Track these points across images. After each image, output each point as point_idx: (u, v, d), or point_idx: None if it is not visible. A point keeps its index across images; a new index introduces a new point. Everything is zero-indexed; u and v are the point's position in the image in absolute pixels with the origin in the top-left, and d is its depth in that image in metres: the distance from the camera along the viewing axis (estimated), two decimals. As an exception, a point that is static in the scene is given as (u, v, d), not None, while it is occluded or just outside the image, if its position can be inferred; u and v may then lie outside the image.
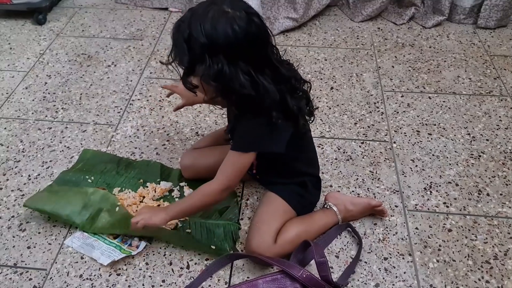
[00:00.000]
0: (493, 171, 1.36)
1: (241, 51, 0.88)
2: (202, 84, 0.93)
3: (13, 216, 1.22)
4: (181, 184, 1.29)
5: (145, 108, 1.61)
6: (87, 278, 1.07)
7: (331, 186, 1.30)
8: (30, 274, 1.09)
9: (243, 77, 0.89)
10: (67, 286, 1.06)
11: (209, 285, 1.06)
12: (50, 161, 1.39)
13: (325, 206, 1.19)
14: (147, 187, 1.28)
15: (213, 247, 1.11)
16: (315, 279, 0.99)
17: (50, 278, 1.08)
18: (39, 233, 1.18)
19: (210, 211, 1.21)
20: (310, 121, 1.10)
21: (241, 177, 1.04)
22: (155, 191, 1.26)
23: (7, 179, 1.33)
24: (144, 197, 1.25)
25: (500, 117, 1.56)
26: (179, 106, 1.29)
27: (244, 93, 0.90)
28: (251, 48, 0.89)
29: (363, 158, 1.40)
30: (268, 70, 0.93)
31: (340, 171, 1.35)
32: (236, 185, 1.07)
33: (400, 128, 1.51)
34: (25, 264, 1.11)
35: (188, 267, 1.10)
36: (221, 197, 1.04)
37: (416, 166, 1.37)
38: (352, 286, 1.06)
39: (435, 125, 1.53)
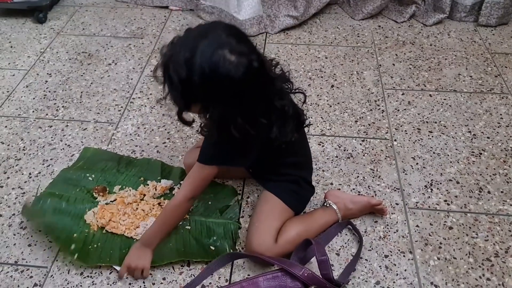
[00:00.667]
0: (494, 169, 1.35)
1: (240, 96, 0.88)
2: (200, 117, 0.95)
3: (13, 214, 1.22)
4: (182, 182, 1.29)
5: (145, 106, 1.61)
6: (87, 276, 1.07)
7: (331, 184, 1.30)
8: (31, 272, 1.09)
9: (239, 120, 0.89)
10: (67, 283, 1.06)
11: (210, 283, 1.06)
12: (51, 159, 1.39)
13: (325, 204, 1.19)
14: (148, 185, 1.27)
15: (212, 248, 1.11)
16: (316, 277, 0.99)
17: (51, 275, 1.08)
18: (39, 231, 1.18)
19: (211, 210, 1.21)
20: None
21: (205, 187, 1.07)
22: (155, 189, 1.26)
23: (8, 177, 1.33)
24: (144, 195, 1.25)
25: (501, 114, 1.56)
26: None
27: (235, 134, 0.90)
28: (250, 93, 0.89)
29: (363, 156, 1.40)
30: (262, 108, 0.94)
31: (341, 169, 1.35)
32: (200, 194, 1.08)
33: (401, 126, 1.51)
34: (26, 262, 1.11)
35: (188, 265, 1.10)
36: (187, 206, 1.08)
37: (417, 164, 1.37)
38: (353, 283, 1.06)
39: (436, 123, 1.53)
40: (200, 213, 1.20)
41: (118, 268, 1.08)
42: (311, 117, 1.54)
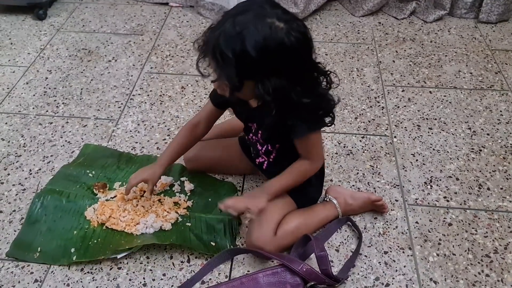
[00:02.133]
0: (494, 166, 1.36)
1: (296, 64, 0.88)
2: (256, 98, 0.91)
3: (14, 211, 1.23)
4: (182, 178, 1.29)
5: (145, 103, 1.61)
6: (88, 272, 1.08)
7: (331, 180, 1.31)
8: (32, 268, 1.09)
9: (300, 87, 0.89)
10: (68, 279, 1.06)
11: (210, 279, 1.06)
12: (51, 155, 1.40)
13: (326, 199, 1.19)
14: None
15: (213, 243, 1.12)
16: (315, 272, 0.99)
17: (52, 271, 1.08)
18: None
19: (211, 206, 1.21)
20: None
21: None
22: (155, 186, 1.26)
23: (8, 174, 1.34)
24: (145, 191, 1.24)
25: (501, 111, 1.56)
26: (151, 189, 1.19)
27: (302, 102, 0.90)
28: (304, 60, 0.90)
29: (363, 152, 1.40)
30: (315, 74, 0.95)
31: (341, 166, 1.35)
32: None
33: (401, 123, 1.51)
34: (27, 258, 1.11)
35: (188, 261, 1.10)
36: (317, 171, 1.10)
37: (417, 160, 1.37)
38: (352, 279, 1.06)
39: (435, 119, 1.53)
40: (200, 210, 1.21)
41: (122, 255, 1.09)
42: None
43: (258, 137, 1.10)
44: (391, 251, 1.12)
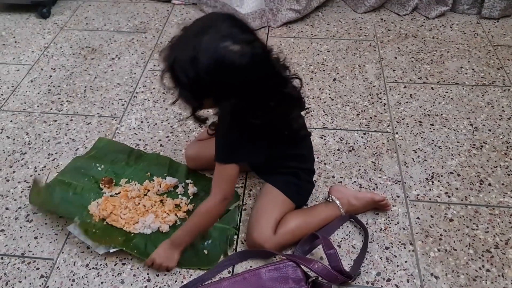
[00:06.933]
0: (495, 161, 1.36)
1: (249, 84, 0.88)
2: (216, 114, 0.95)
3: (20, 207, 1.24)
4: (187, 181, 1.29)
5: (149, 100, 1.62)
6: (93, 268, 1.09)
7: (333, 176, 1.31)
8: (37, 264, 1.11)
9: (252, 108, 0.91)
10: (73, 275, 1.08)
11: (213, 274, 1.08)
12: (56, 153, 1.41)
13: (328, 199, 1.20)
14: (154, 180, 1.28)
15: (205, 251, 1.11)
16: (327, 269, 0.99)
17: (57, 267, 1.10)
18: (45, 223, 1.20)
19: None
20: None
21: (234, 185, 1.06)
22: (160, 186, 1.26)
23: (14, 171, 1.35)
24: (148, 190, 1.25)
25: (503, 107, 1.56)
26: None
27: (255, 122, 0.92)
28: (258, 81, 0.89)
29: (365, 149, 1.41)
30: (271, 96, 0.95)
31: (343, 162, 1.36)
32: (233, 193, 1.08)
33: (403, 119, 1.52)
34: (32, 254, 1.13)
35: (192, 256, 1.11)
36: (222, 208, 1.06)
37: (418, 156, 1.38)
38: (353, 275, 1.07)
39: (437, 115, 1.53)
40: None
41: (114, 249, 1.10)
42: (313, 111, 1.55)
43: None
44: (392, 247, 1.13)
